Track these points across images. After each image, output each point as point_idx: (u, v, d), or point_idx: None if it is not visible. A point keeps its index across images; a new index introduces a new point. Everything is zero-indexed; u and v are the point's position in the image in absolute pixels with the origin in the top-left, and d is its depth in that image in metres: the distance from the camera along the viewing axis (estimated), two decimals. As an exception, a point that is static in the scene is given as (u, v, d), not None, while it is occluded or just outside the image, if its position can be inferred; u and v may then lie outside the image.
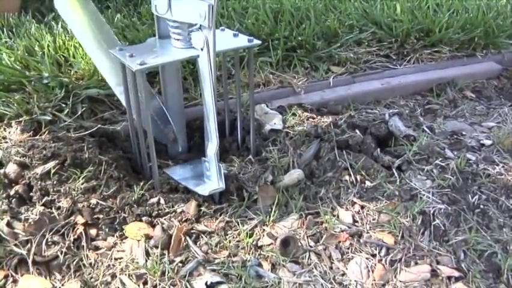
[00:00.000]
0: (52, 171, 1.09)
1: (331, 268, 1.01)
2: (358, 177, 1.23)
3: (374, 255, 1.04)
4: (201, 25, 1.01)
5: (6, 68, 1.38)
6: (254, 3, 2.04)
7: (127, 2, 2.05)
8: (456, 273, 1.01)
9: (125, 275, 0.97)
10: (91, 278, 0.96)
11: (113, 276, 0.97)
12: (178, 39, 1.10)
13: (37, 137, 1.21)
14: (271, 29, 1.81)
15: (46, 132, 1.23)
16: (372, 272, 1.00)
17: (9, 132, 1.23)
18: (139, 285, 0.95)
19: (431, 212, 1.12)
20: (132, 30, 1.69)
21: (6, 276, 0.96)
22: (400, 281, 0.99)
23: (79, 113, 1.31)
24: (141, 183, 1.15)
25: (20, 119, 1.27)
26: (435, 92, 1.81)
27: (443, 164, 1.26)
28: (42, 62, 1.41)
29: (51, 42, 1.50)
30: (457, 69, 1.93)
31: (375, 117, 1.44)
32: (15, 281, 0.95)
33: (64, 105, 1.32)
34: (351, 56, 1.81)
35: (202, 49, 1.04)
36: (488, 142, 1.48)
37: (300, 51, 1.76)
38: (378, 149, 1.31)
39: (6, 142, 1.20)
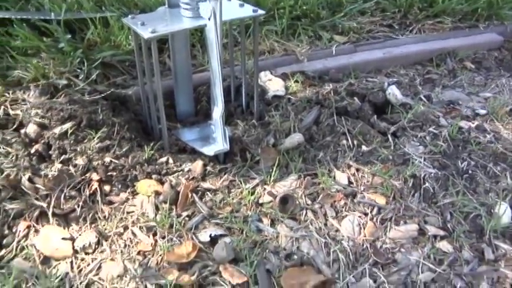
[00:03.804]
0: (69, 131, 1.17)
1: (325, 225, 1.09)
2: (355, 142, 1.30)
3: (366, 214, 1.12)
4: (208, -4, 1.08)
5: (23, 34, 1.45)
6: (260, -29, 2.08)
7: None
8: (442, 232, 1.09)
9: (137, 227, 1.05)
10: (105, 229, 1.05)
11: (126, 228, 1.06)
12: (187, 9, 1.16)
13: (54, 99, 1.28)
14: (277, -2, 1.86)
15: (62, 95, 1.30)
16: (364, 229, 1.08)
17: (28, 95, 1.31)
18: (149, 236, 1.03)
19: (422, 175, 1.20)
20: (142, -4, 1.75)
21: (28, 227, 1.05)
22: (389, 238, 1.07)
23: (93, 77, 1.38)
24: (151, 144, 1.22)
25: (38, 83, 1.34)
26: (435, 62, 1.86)
27: (436, 132, 1.33)
28: (57, 28, 1.48)
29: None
30: (459, 40, 1.98)
31: (374, 86, 1.50)
32: (36, 231, 1.04)
33: (79, 70, 1.39)
34: (354, 26, 1.86)
35: (209, 19, 1.10)
36: (483, 112, 1.54)
37: (304, 20, 1.82)
38: (375, 116, 1.38)
39: (25, 104, 1.28)
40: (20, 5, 1.65)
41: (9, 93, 1.32)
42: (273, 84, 1.47)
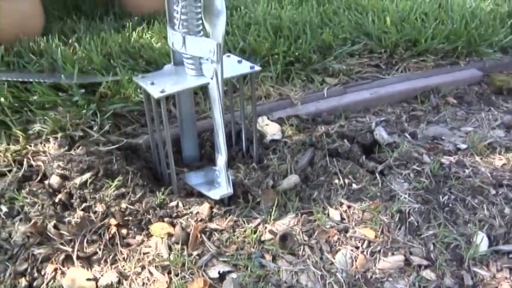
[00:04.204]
0: (88, 181, 1.31)
1: (321, 258, 1.22)
2: (346, 181, 1.43)
3: (357, 248, 1.24)
4: (210, 58, 1.22)
5: (40, 89, 1.59)
6: (256, 19, 2.24)
7: (141, 21, 2.26)
8: (425, 262, 1.21)
9: (153, 266, 1.18)
10: (125, 269, 1.18)
11: (143, 267, 1.18)
12: (191, 68, 1.31)
13: (72, 151, 1.41)
14: (271, 45, 2.00)
15: (80, 146, 1.43)
16: (356, 261, 1.21)
17: (48, 147, 1.44)
18: (164, 275, 1.16)
19: (407, 210, 1.33)
20: (147, 49, 1.90)
21: (55, 269, 1.17)
22: (378, 269, 1.20)
23: (106, 128, 1.52)
24: (162, 189, 1.36)
25: (56, 135, 1.48)
26: (419, 99, 2.01)
27: (419, 169, 1.46)
28: (71, 84, 1.62)
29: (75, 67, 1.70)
30: (441, 77, 2.12)
31: (363, 127, 1.64)
32: (63, 273, 1.16)
33: (92, 122, 1.53)
34: (344, 68, 2.01)
35: (212, 78, 1.24)
36: (463, 146, 1.67)
37: (297, 65, 1.96)
38: (364, 156, 1.51)
39: (46, 156, 1.41)
40: (35, 61, 1.80)
41: (31, 146, 1.46)
42: (270, 129, 1.61)
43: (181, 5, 1.20)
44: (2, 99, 1.54)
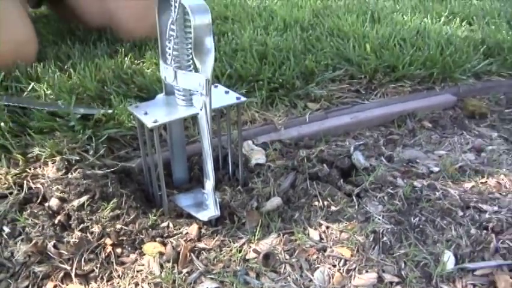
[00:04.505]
0: (85, 203, 1.40)
1: (301, 276, 1.32)
2: (325, 203, 1.54)
3: (334, 266, 1.35)
4: (200, 91, 1.33)
5: (39, 115, 1.69)
6: (242, 45, 2.36)
7: (133, 47, 2.37)
8: (396, 279, 1.32)
9: (146, 283, 1.27)
10: (120, 286, 1.27)
11: (137, 284, 1.28)
12: (182, 99, 1.41)
13: (70, 175, 1.51)
14: (256, 71, 2.12)
15: (76, 169, 1.53)
16: (333, 278, 1.31)
17: (46, 171, 1.54)
18: (156, 291, 1.26)
19: (381, 231, 1.44)
20: (139, 76, 2.00)
21: (55, 286, 1.26)
22: (353, 285, 1.30)
23: (101, 152, 1.62)
24: (154, 210, 1.45)
25: (54, 158, 1.58)
26: (396, 123, 2.13)
27: (392, 192, 1.57)
28: (68, 110, 1.72)
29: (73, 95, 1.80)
30: (417, 102, 2.25)
31: (342, 152, 1.75)
32: (62, 290, 1.26)
33: (88, 146, 1.63)
34: (325, 94, 2.13)
35: (201, 109, 1.35)
36: (436, 169, 1.79)
37: (281, 91, 2.08)
38: (342, 180, 1.62)
39: (45, 179, 1.51)
40: (32, 87, 1.90)
41: (30, 169, 1.55)
42: (255, 154, 1.71)
43: (173, 42, 1.31)
44: (2, 124, 1.63)
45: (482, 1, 3.65)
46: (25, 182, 1.50)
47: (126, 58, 2.18)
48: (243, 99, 1.48)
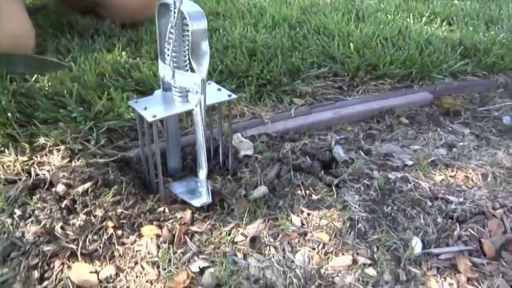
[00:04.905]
0: (89, 189, 1.54)
1: (284, 257, 1.47)
2: (307, 192, 1.69)
3: (314, 249, 1.50)
4: (195, 90, 1.46)
5: (43, 106, 1.82)
6: (233, 42, 2.49)
7: (129, 41, 2.49)
8: (369, 261, 1.47)
9: (144, 262, 1.41)
10: (121, 264, 1.41)
11: (136, 263, 1.42)
12: (178, 96, 1.55)
13: (73, 163, 1.65)
14: (246, 67, 2.26)
15: (79, 158, 1.67)
16: (312, 259, 1.46)
17: (51, 159, 1.67)
18: (153, 269, 1.40)
19: (356, 218, 1.59)
20: (136, 70, 2.13)
21: (62, 264, 1.40)
22: (330, 266, 1.45)
23: (102, 142, 1.75)
24: (151, 197, 1.59)
25: (58, 147, 1.71)
26: (376, 119, 2.28)
27: (368, 183, 1.72)
28: (71, 102, 1.85)
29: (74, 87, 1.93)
30: (396, 99, 2.40)
31: (323, 145, 1.90)
32: (69, 267, 1.39)
33: (89, 136, 1.76)
34: (310, 90, 2.27)
35: (196, 105, 1.49)
36: (410, 163, 1.94)
37: (269, 87, 2.22)
38: (323, 171, 1.77)
39: (51, 166, 1.64)
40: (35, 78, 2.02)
41: (36, 157, 1.69)
42: (244, 145, 1.86)
43: (172, 45, 1.45)
44: (10, 114, 1.76)
45: (463, 1, 3.81)
46: (32, 169, 1.64)
47: (123, 53, 2.30)
48: (233, 96, 1.62)
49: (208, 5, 3.20)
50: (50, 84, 1.97)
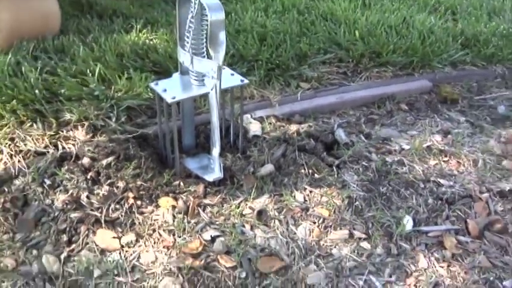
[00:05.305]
0: (112, 163, 1.69)
1: (287, 229, 1.62)
2: (310, 171, 1.83)
3: (314, 223, 1.65)
4: (212, 75, 1.60)
5: (68, 84, 1.96)
6: (244, 26, 2.62)
7: (146, 23, 2.62)
8: (364, 236, 1.62)
9: (162, 230, 1.57)
10: (140, 231, 1.57)
11: (154, 230, 1.57)
12: (195, 79, 1.69)
13: (96, 138, 1.79)
14: (256, 51, 2.38)
15: (102, 133, 1.81)
16: (312, 232, 1.62)
17: (76, 134, 1.82)
18: (170, 236, 1.55)
19: (354, 196, 1.74)
20: (153, 52, 2.27)
21: (88, 229, 1.55)
22: (329, 239, 1.61)
23: (122, 119, 1.90)
24: (167, 171, 1.75)
25: (82, 123, 1.85)
26: (377, 104, 2.40)
27: (367, 165, 1.87)
28: (93, 80, 1.99)
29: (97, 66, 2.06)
30: (397, 86, 2.52)
31: (327, 128, 2.05)
32: (94, 232, 1.55)
33: (111, 114, 1.90)
34: (316, 75, 2.40)
35: (211, 89, 1.63)
36: (407, 147, 2.08)
37: (277, 71, 2.35)
38: (325, 152, 1.92)
39: (75, 141, 1.79)
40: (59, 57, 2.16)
41: (62, 132, 1.83)
42: (253, 126, 2.00)
43: (192, 33, 1.58)
44: (37, 91, 1.90)
45: (468, -9, 3.90)
46: (59, 142, 1.78)
47: (141, 34, 2.44)
48: (245, 81, 1.76)
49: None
50: (73, 62, 2.11)
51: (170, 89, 1.66)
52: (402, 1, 3.40)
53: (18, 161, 1.70)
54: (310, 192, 1.76)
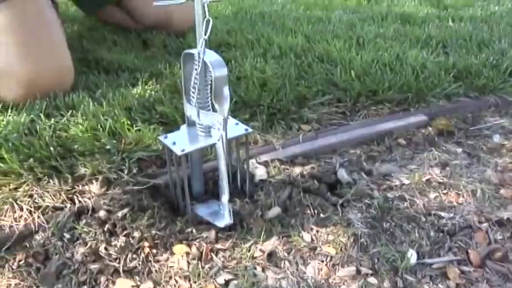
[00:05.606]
0: (127, 214, 1.77)
1: (297, 269, 1.69)
2: (315, 211, 1.91)
3: (322, 261, 1.73)
4: (218, 127, 1.70)
5: (81, 139, 2.06)
6: (244, 73, 2.73)
7: (151, 76, 2.74)
8: (370, 271, 1.69)
9: (178, 276, 1.64)
10: (157, 278, 1.65)
11: (170, 277, 1.64)
12: (202, 131, 1.79)
13: (110, 191, 1.89)
14: (257, 97, 2.50)
15: (116, 186, 1.91)
16: (321, 271, 1.69)
17: (91, 187, 1.91)
18: (186, 282, 1.63)
19: (359, 234, 1.82)
20: (160, 104, 2.38)
21: (107, 280, 1.62)
22: (337, 276, 1.68)
23: (134, 171, 1.99)
24: (179, 219, 1.83)
25: (96, 177, 1.95)
26: (376, 141, 2.49)
27: (369, 202, 1.95)
28: (104, 135, 2.09)
29: (107, 121, 2.17)
30: (395, 122, 2.61)
31: (329, 168, 2.14)
32: (113, 282, 1.62)
33: (123, 166, 2.00)
34: (316, 117, 2.51)
35: (218, 140, 1.73)
36: (407, 182, 2.17)
37: (278, 115, 2.45)
38: (329, 192, 2.01)
39: (91, 194, 1.88)
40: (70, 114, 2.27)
41: (78, 186, 1.93)
42: (259, 171, 2.09)
43: (197, 89, 1.69)
44: (52, 149, 2.01)
45: (457, 23, 4.04)
46: (75, 196, 1.88)
47: (146, 86, 2.55)
48: (249, 130, 1.85)
49: (219, 35, 3.45)
50: (84, 118, 2.22)
51: (179, 142, 1.75)
52: (394, 38, 3.53)
53: (38, 217, 1.78)
54: (317, 231, 1.84)
